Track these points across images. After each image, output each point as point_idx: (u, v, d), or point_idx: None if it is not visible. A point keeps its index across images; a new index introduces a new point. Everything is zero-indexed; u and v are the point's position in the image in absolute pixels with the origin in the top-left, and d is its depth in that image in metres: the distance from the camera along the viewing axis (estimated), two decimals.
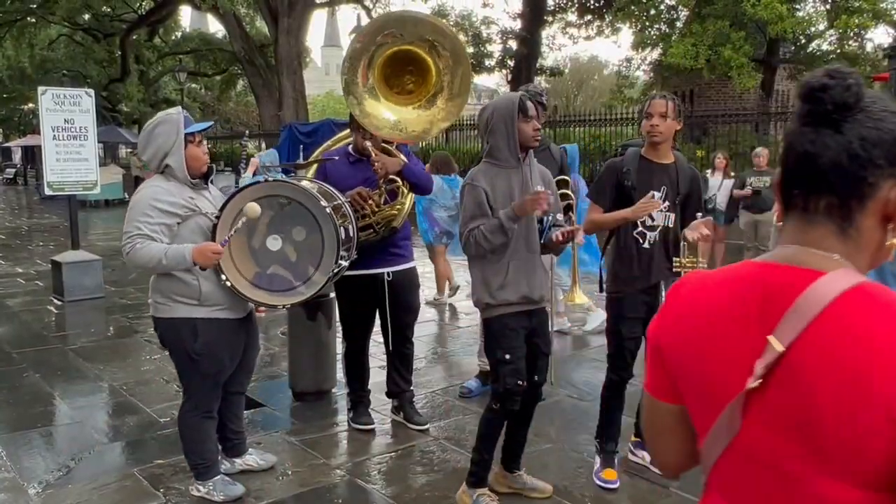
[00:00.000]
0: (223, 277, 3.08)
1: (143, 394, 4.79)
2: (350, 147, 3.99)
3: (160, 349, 5.76)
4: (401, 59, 3.71)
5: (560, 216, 3.18)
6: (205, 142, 3.21)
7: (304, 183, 3.44)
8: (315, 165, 4.09)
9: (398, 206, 3.90)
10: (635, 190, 3.28)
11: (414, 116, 3.76)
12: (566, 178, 4.30)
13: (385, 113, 3.73)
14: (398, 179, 3.85)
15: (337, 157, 3.92)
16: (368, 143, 3.78)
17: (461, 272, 8.15)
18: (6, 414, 4.42)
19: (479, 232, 2.92)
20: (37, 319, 6.96)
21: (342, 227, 3.26)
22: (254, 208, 3.00)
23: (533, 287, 3.04)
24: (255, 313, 3.51)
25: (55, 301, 7.66)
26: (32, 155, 30.22)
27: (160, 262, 2.95)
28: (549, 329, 3.27)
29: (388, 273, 3.91)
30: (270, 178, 3.25)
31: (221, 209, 3.11)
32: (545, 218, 3.10)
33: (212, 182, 3.31)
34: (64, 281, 7.60)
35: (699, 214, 3.31)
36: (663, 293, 3.32)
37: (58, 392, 4.84)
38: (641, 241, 3.34)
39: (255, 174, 7.05)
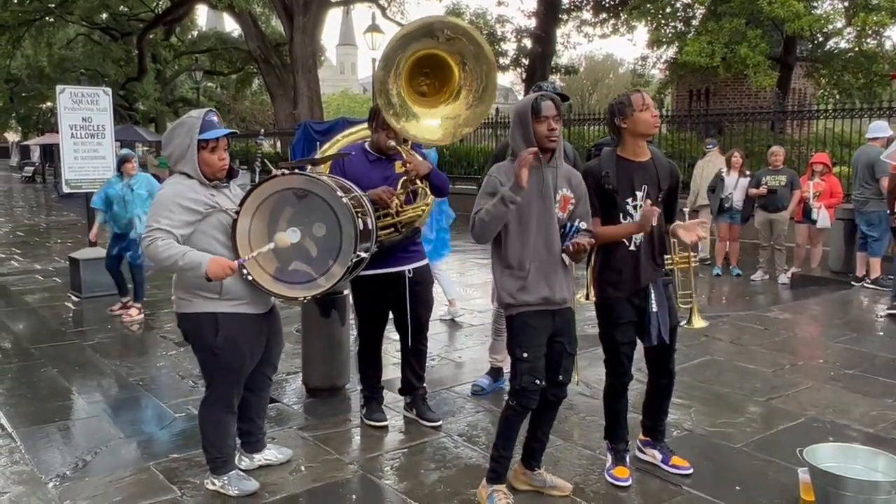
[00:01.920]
0: (245, 271, 3.11)
1: (159, 389, 4.84)
2: (367, 144, 4.00)
3: (176, 345, 5.85)
4: (426, 62, 3.71)
5: (583, 224, 3.11)
6: (224, 146, 3.18)
7: (323, 177, 3.46)
8: (329, 162, 4.09)
9: (422, 208, 3.93)
10: (617, 193, 3.21)
11: (439, 120, 3.78)
12: None
13: (420, 117, 3.76)
14: (422, 182, 3.87)
15: (353, 153, 3.93)
16: (392, 142, 3.80)
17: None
18: (24, 408, 4.49)
19: (483, 210, 2.97)
20: (54, 315, 7.04)
21: (361, 220, 3.27)
22: (283, 239, 3.07)
23: (554, 289, 3.04)
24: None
25: (73, 297, 7.75)
26: (51, 153, 30.48)
27: (175, 263, 2.97)
28: (576, 328, 3.22)
29: (409, 270, 3.94)
30: (287, 172, 3.26)
31: (241, 204, 3.15)
32: (568, 223, 3.08)
33: (233, 182, 3.32)
34: (81, 277, 7.69)
35: (685, 210, 3.27)
36: (653, 296, 3.28)
37: (75, 387, 4.90)
38: (627, 243, 3.26)
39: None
